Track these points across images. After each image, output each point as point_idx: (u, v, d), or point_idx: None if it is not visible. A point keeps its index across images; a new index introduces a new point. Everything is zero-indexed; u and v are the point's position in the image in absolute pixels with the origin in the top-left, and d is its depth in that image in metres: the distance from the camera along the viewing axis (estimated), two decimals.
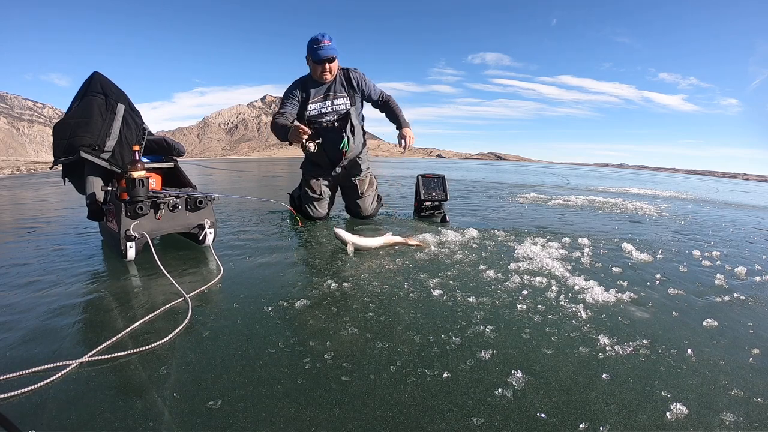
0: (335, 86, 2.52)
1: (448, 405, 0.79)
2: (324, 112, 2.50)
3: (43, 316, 1.15)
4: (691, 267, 1.80)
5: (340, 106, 2.51)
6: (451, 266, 1.65)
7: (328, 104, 2.50)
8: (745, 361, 1.00)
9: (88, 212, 1.78)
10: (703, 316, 1.24)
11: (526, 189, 5.76)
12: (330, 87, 2.51)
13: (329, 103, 2.50)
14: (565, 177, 10.34)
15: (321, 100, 2.50)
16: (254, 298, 1.29)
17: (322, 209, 2.65)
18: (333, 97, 2.51)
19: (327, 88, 2.50)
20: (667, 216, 3.48)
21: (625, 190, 6.46)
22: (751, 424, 0.76)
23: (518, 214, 3.22)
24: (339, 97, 2.52)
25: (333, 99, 2.51)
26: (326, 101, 2.50)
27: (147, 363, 0.92)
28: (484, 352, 0.97)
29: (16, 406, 0.77)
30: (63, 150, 1.73)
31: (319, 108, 2.50)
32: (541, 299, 1.32)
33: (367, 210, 2.68)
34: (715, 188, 9.34)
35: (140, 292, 1.37)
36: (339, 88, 2.53)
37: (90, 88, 1.84)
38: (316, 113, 2.50)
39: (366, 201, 2.69)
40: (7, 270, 1.59)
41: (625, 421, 0.76)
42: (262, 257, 1.76)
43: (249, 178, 7.39)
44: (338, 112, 2.51)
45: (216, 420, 0.74)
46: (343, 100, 2.52)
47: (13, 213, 3.26)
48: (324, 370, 0.90)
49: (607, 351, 1.00)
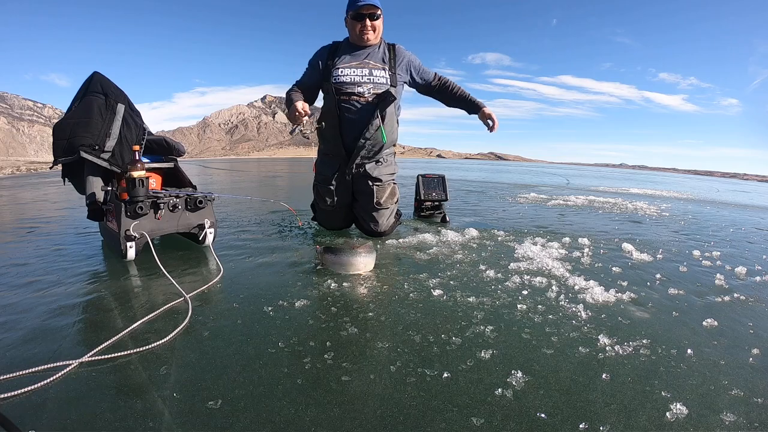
0: (376, 55, 2.03)
1: (448, 405, 0.79)
2: (357, 80, 1.96)
3: (43, 316, 1.15)
4: (691, 267, 1.80)
5: (379, 78, 1.99)
6: (451, 266, 1.65)
7: (365, 73, 1.98)
8: (745, 361, 1.00)
9: (88, 212, 1.78)
10: (703, 316, 1.23)
11: (526, 189, 5.76)
12: (370, 54, 2.02)
13: (367, 72, 1.98)
14: (565, 177, 10.34)
15: (356, 65, 1.99)
16: (254, 298, 1.29)
17: (338, 219, 2.24)
18: (372, 67, 1.99)
19: (366, 54, 2.02)
20: (667, 216, 3.48)
21: (625, 190, 6.46)
22: (751, 424, 0.76)
23: (518, 214, 3.22)
24: (378, 68, 2.01)
25: (372, 68, 1.99)
26: (363, 69, 1.98)
27: (147, 363, 0.92)
28: (484, 352, 0.97)
29: (16, 406, 0.77)
30: (63, 150, 1.73)
31: (351, 74, 1.97)
32: (541, 299, 1.32)
33: (382, 226, 2.13)
34: (715, 188, 9.34)
35: (140, 292, 1.37)
36: (381, 58, 2.04)
37: (90, 88, 1.84)
38: (349, 80, 1.96)
39: (383, 215, 2.13)
40: (7, 270, 1.59)
41: (625, 421, 0.76)
42: (262, 257, 1.76)
43: (249, 178, 7.39)
44: (378, 84, 1.98)
45: (216, 420, 0.74)
46: (384, 74, 2.01)
47: (13, 213, 3.26)
48: (324, 370, 0.90)
49: (607, 351, 1.00)
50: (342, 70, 1.98)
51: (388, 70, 2.03)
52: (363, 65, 1.99)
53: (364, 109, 1.98)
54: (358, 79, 1.97)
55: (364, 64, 2.00)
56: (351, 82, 1.97)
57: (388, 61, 2.05)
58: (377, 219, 2.13)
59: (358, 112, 1.98)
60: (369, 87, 1.97)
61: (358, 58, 2.00)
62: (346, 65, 1.99)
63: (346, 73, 1.98)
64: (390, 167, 2.19)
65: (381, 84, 1.99)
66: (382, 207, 2.12)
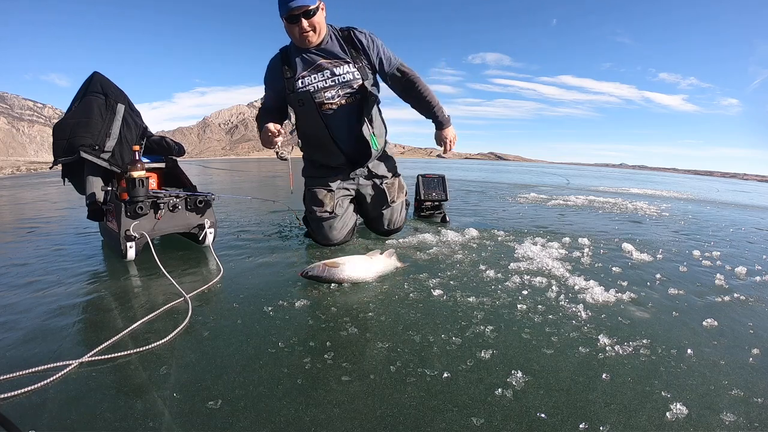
0: (333, 49, 1.77)
1: (448, 405, 0.79)
2: (321, 86, 1.74)
3: (43, 316, 1.15)
4: (691, 267, 1.80)
5: (345, 75, 1.75)
6: (451, 266, 1.65)
7: (327, 75, 1.74)
8: (745, 361, 1.00)
9: (88, 212, 1.79)
10: (703, 316, 1.23)
11: (526, 189, 5.76)
12: (323, 53, 1.76)
13: (328, 74, 1.74)
14: (565, 177, 10.34)
15: (312, 70, 1.75)
16: (254, 298, 1.29)
17: (338, 231, 1.90)
18: (332, 65, 1.75)
19: (318, 53, 1.76)
20: (667, 216, 3.48)
21: (625, 190, 6.46)
22: (751, 424, 0.76)
23: (518, 214, 3.22)
24: (340, 64, 1.75)
25: (332, 67, 1.75)
26: (322, 71, 1.74)
27: (147, 363, 0.92)
28: (484, 352, 0.97)
29: (16, 406, 0.77)
30: (63, 150, 1.73)
31: (313, 82, 1.74)
32: (541, 299, 1.32)
33: (396, 222, 2.06)
34: (715, 188, 9.34)
35: (140, 292, 1.37)
36: (337, 53, 1.77)
37: (90, 88, 1.84)
38: (312, 89, 1.74)
39: (395, 211, 2.04)
40: (7, 270, 1.59)
41: (625, 421, 0.76)
42: (262, 257, 1.76)
43: (249, 178, 7.39)
44: (347, 84, 1.76)
45: (216, 420, 0.74)
46: (348, 68, 1.75)
47: (13, 213, 3.26)
48: (324, 370, 0.90)
49: (607, 351, 1.00)
50: (301, 81, 1.75)
51: (350, 62, 1.76)
52: (318, 68, 1.75)
53: (343, 116, 1.79)
54: (322, 85, 1.75)
55: (319, 67, 1.75)
56: (316, 89, 1.75)
57: (347, 51, 1.77)
58: (391, 216, 2.04)
59: (339, 120, 1.79)
60: (336, 90, 1.76)
61: (310, 63, 1.75)
62: (303, 74, 1.76)
63: (308, 83, 1.75)
64: (390, 160, 2.08)
65: (350, 81, 1.76)
66: (395, 203, 2.03)
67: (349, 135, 1.82)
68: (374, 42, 1.81)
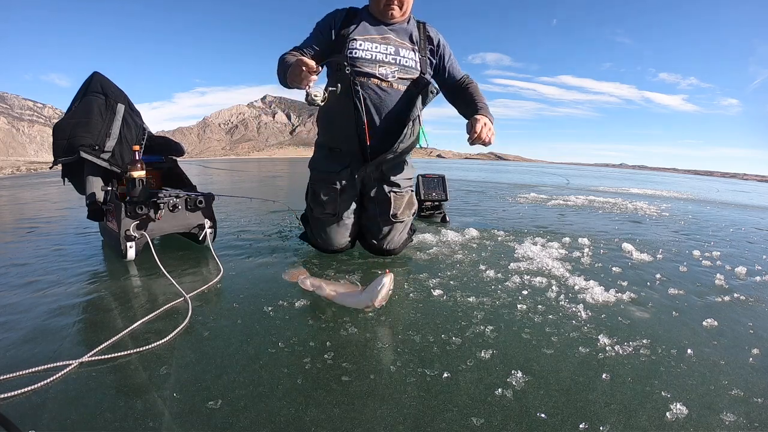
0: (403, 32, 1.62)
1: (448, 405, 0.79)
2: (380, 59, 1.55)
3: (43, 316, 1.15)
4: (691, 267, 1.80)
5: (408, 60, 1.59)
6: (451, 266, 1.65)
7: (390, 51, 1.57)
8: (745, 361, 1.00)
9: (88, 212, 1.78)
10: (703, 316, 1.24)
11: (526, 189, 5.76)
12: (396, 30, 1.62)
13: (392, 50, 1.57)
14: (565, 177, 10.34)
15: (379, 40, 1.57)
16: (254, 298, 1.29)
17: (340, 235, 1.70)
18: (399, 45, 1.59)
19: (390, 29, 1.61)
20: (667, 216, 3.48)
21: (625, 190, 6.46)
22: (751, 424, 0.76)
23: (518, 214, 3.22)
24: (407, 48, 1.61)
25: (399, 46, 1.59)
26: (388, 45, 1.57)
27: (147, 363, 0.92)
28: (484, 352, 0.97)
29: (16, 406, 0.77)
30: (63, 150, 1.73)
31: (372, 50, 1.55)
32: (541, 299, 1.32)
33: (393, 242, 1.74)
34: (715, 188, 9.34)
35: (140, 292, 1.37)
36: (410, 36, 1.63)
37: (90, 88, 1.84)
38: (369, 56, 1.54)
39: (396, 230, 1.73)
40: (7, 270, 1.59)
41: (625, 421, 0.76)
42: (262, 257, 1.76)
43: (249, 178, 7.39)
44: (405, 67, 1.58)
45: (216, 420, 0.74)
46: (413, 56, 1.61)
47: (13, 213, 3.26)
48: (324, 370, 0.90)
49: (607, 351, 1.00)
50: (360, 43, 1.54)
51: (418, 52, 1.62)
52: (387, 40, 1.58)
53: (389, 96, 1.56)
54: (381, 57, 1.55)
55: (388, 40, 1.58)
56: (371, 59, 1.54)
57: (418, 41, 1.63)
58: (389, 234, 1.72)
59: (379, 99, 1.56)
60: (393, 69, 1.56)
61: (377, 32, 1.59)
62: (366, 37, 1.56)
63: (366, 47, 1.54)
64: (409, 170, 1.76)
65: (409, 68, 1.59)
66: (397, 219, 1.70)
67: (386, 122, 1.57)
68: (444, 44, 1.70)
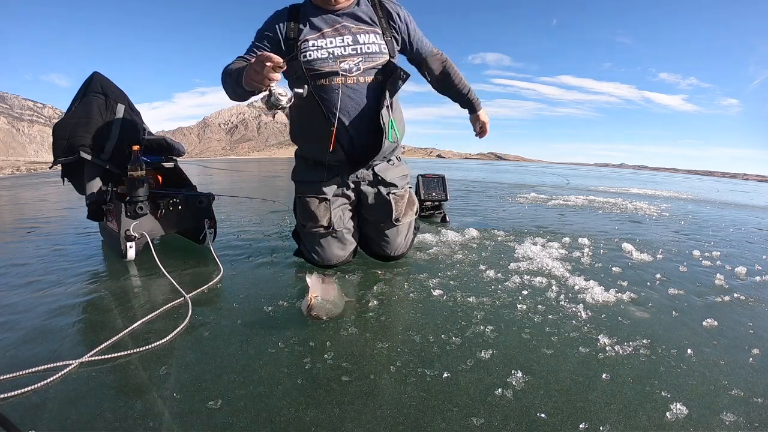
0: (357, 14, 1.42)
1: (448, 405, 0.79)
2: (338, 53, 1.37)
3: (43, 316, 1.15)
4: (691, 267, 1.80)
5: (370, 45, 1.39)
6: (451, 266, 1.65)
7: (348, 40, 1.38)
8: (745, 361, 1.00)
9: (88, 212, 1.79)
10: (703, 316, 1.23)
11: (526, 189, 5.76)
12: (348, 14, 1.42)
13: (350, 40, 1.38)
14: (565, 177, 10.34)
15: (331, 33, 1.38)
16: (254, 298, 1.29)
17: (337, 249, 1.53)
18: (356, 30, 1.39)
19: (341, 15, 1.41)
20: (667, 216, 3.48)
21: (625, 190, 6.45)
22: (751, 424, 0.76)
23: (518, 214, 3.22)
24: (365, 32, 1.40)
25: (356, 33, 1.39)
26: (342, 36, 1.38)
27: (147, 363, 0.92)
28: (484, 352, 0.97)
29: (16, 406, 0.77)
30: (63, 150, 1.73)
31: (328, 47, 1.37)
32: (541, 299, 1.32)
33: (399, 247, 1.61)
34: (715, 188, 9.34)
35: (140, 292, 1.37)
36: (366, 18, 1.43)
37: (90, 88, 1.84)
38: (325, 55, 1.36)
39: (401, 232, 1.59)
40: (7, 270, 1.59)
41: (625, 421, 0.76)
42: (262, 257, 1.76)
43: (249, 178, 7.39)
44: (368, 55, 1.38)
45: (216, 420, 0.74)
46: (375, 38, 1.40)
47: (13, 213, 3.26)
48: (324, 370, 0.90)
49: (607, 351, 1.00)
50: (313, 42, 1.36)
51: (381, 34, 1.42)
52: (342, 30, 1.38)
53: (358, 93, 1.39)
54: (339, 51, 1.36)
55: (343, 29, 1.38)
56: (329, 56, 1.36)
57: (377, 20, 1.43)
58: (394, 239, 1.58)
59: (349, 99, 1.39)
60: (357, 61, 1.37)
61: (328, 24, 1.39)
62: (317, 35, 1.37)
63: (320, 45, 1.36)
64: (402, 167, 1.62)
65: (373, 53, 1.39)
66: (400, 222, 1.56)
67: (360, 122, 1.41)
68: (407, 17, 1.50)
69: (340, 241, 1.54)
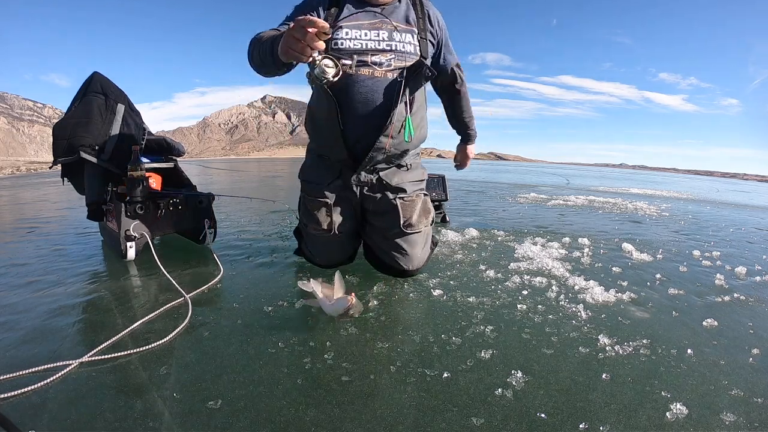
0: (397, 12, 1.39)
1: (448, 405, 0.79)
2: (372, 47, 1.32)
3: (43, 316, 1.15)
4: (691, 267, 1.80)
5: (405, 44, 1.35)
6: (451, 266, 1.65)
7: (383, 35, 1.33)
8: (745, 361, 1.00)
9: (88, 212, 1.79)
10: (703, 316, 1.24)
11: (526, 189, 5.76)
12: (388, 10, 1.37)
13: (385, 35, 1.33)
14: (565, 177, 10.33)
15: (369, 26, 1.33)
16: (254, 298, 1.29)
17: (338, 252, 1.52)
18: (392, 28, 1.35)
19: (381, 11, 1.36)
20: (667, 216, 3.48)
21: (625, 190, 6.46)
22: (751, 424, 0.76)
23: (518, 214, 3.22)
24: (402, 31, 1.36)
25: (393, 30, 1.34)
26: (380, 30, 1.34)
27: (147, 363, 0.92)
28: (484, 352, 0.97)
29: (16, 406, 0.77)
30: (63, 150, 1.73)
31: (362, 37, 1.32)
32: (541, 299, 1.32)
33: (414, 259, 1.44)
34: (715, 188, 9.34)
35: (140, 292, 1.37)
36: (404, 16, 1.39)
37: (90, 88, 1.84)
38: (358, 45, 1.31)
39: (415, 242, 1.44)
40: (7, 270, 1.59)
41: (625, 421, 0.76)
42: (262, 257, 1.76)
43: (249, 178, 7.39)
44: (401, 54, 1.34)
45: (216, 420, 0.74)
46: (411, 39, 1.36)
47: (13, 213, 3.26)
48: (324, 370, 0.90)
49: (607, 351, 1.00)
50: (347, 31, 1.31)
51: (416, 34, 1.37)
52: (379, 25, 1.33)
53: (380, 88, 1.32)
54: (373, 45, 1.31)
55: (381, 24, 1.34)
56: (362, 48, 1.31)
57: (415, 21, 1.39)
58: (407, 249, 1.42)
59: (370, 92, 1.31)
60: (389, 57, 1.32)
61: (371, 15, 1.34)
62: (354, 23, 1.32)
63: (355, 36, 1.31)
64: (417, 172, 1.51)
65: (407, 53, 1.34)
66: (413, 230, 1.43)
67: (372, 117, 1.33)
68: (443, 25, 1.48)
69: (341, 245, 1.51)
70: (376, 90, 1.32)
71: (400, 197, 1.44)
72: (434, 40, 1.46)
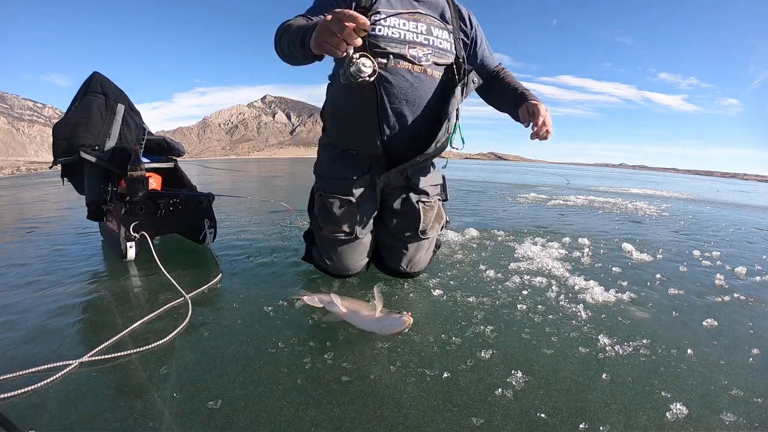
0: (434, 6, 1.33)
1: (448, 405, 0.79)
2: (410, 38, 1.23)
3: (43, 316, 1.15)
4: (691, 267, 1.80)
5: (442, 41, 1.28)
6: (451, 266, 1.65)
7: (422, 28, 1.26)
8: (745, 361, 1.00)
9: (88, 212, 1.79)
10: (703, 316, 1.24)
11: (526, 189, 5.76)
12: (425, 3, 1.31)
13: (423, 28, 1.26)
14: (565, 177, 10.34)
15: (407, 16, 1.25)
16: (254, 298, 1.29)
17: (356, 258, 1.38)
18: (430, 22, 1.28)
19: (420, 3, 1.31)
20: (667, 216, 3.48)
21: (625, 190, 6.46)
22: (751, 424, 0.76)
23: (518, 214, 3.22)
24: (439, 27, 1.30)
25: (430, 24, 1.28)
26: (419, 22, 1.26)
27: (147, 363, 0.92)
28: (484, 352, 0.97)
29: (16, 406, 0.77)
30: (63, 150, 1.73)
31: (401, 27, 1.23)
32: (541, 299, 1.32)
33: (418, 263, 1.44)
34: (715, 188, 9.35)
35: (140, 292, 1.37)
36: (442, 12, 1.34)
37: (90, 88, 1.84)
38: (396, 35, 1.22)
39: (422, 248, 1.43)
40: (7, 270, 1.59)
41: (625, 421, 0.76)
42: (262, 257, 1.76)
43: (249, 178, 7.39)
44: (440, 50, 1.28)
45: (216, 420, 0.74)
46: (447, 36, 1.30)
47: (13, 213, 3.26)
48: (324, 370, 0.90)
49: (607, 351, 1.00)
50: (386, 18, 1.22)
51: (451, 33, 1.32)
52: (418, 17, 1.26)
53: (422, 84, 1.25)
54: (411, 37, 1.23)
55: (419, 16, 1.26)
56: (400, 38, 1.22)
57: (450, 18, 1.33)
58: (414, 253, 1.41)
59: (411, 87, 1.23)
60: (427, 52, 1.24)
61: (409, 6, 1.27)
62: (392, 11, 1.24)
63: (393, 24, 1.22)
64: (436, 174, 1.46)
65: (444, 50, 1.28)
66: (426, 236, 1.40)
67: (416, 116, 1.26)
68: (478, 25, 1.41)
69: (360, 250, 1.38)
70: (419, 87, 1.25)
71: (422, 201, 1.38)
72: (467, 40, 1.39)
